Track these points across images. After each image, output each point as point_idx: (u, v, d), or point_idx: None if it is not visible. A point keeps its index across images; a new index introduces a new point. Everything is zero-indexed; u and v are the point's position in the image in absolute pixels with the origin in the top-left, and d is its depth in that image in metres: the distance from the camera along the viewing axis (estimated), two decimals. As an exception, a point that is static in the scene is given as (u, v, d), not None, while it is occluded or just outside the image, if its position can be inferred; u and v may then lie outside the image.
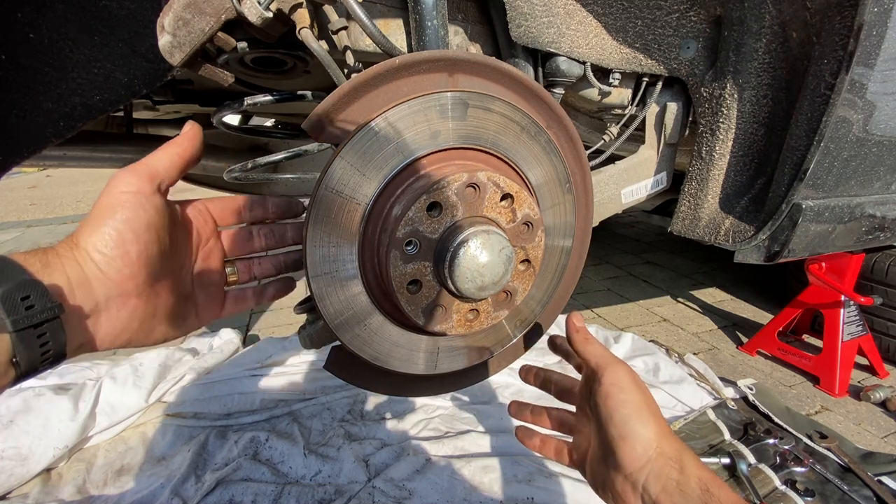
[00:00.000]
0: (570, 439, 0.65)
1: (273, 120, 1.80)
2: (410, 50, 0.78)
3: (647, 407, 0.53)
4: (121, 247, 0.46)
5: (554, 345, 0.73)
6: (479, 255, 0.53)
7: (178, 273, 0.54)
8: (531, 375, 0.74)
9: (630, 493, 0.51)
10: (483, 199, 0.56)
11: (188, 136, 0.55)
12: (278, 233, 0.64)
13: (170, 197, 0.54)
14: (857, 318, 2.24)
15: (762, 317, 2.91)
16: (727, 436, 1.76)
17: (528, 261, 0.62)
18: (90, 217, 0.47)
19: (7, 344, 0.38)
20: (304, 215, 0.55)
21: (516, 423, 0.72)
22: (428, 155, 0.57)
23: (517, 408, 0.72)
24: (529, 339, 0.74)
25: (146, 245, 0.47)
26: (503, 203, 0.58)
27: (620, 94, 1.09)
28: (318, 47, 0.64)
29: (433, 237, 0.55)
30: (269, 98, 0.83)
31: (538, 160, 0.65)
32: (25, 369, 0.40)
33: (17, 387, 0.42)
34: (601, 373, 0.56)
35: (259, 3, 0.58)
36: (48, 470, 1.63)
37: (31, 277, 0.41)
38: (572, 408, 0.67)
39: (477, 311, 0.60)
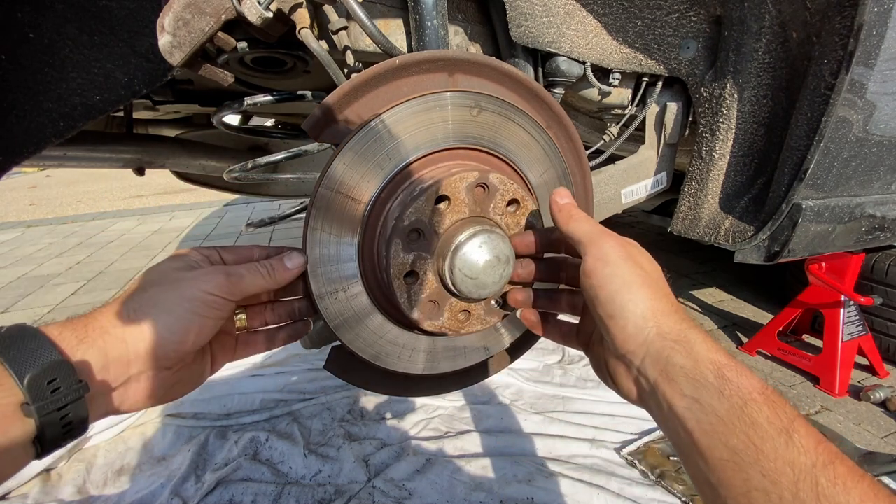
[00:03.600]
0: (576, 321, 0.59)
1: (273, 120, 1.80)
2: (410, 50, 0.77)
3: (640, 281, 0.46)
4: (183, 335, 0.47)
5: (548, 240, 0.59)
6: (481, 255, 0.53)
7: None
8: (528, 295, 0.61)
9: (623, 373, 0.47)
10: (491, 200, 0.56)
11: (291, 276, 0.54)
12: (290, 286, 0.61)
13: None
14: (857, 318, 2.23)
15: (762, 317, 2.91)
16: (727, 436, 1.76)
17: None
18: (159, 296, 0.47)
19: (31, 427, 0.39)
20: (305, 214, 0.55)
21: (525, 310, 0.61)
22: (429, 154, 0.57)
23: (524, 296, 0.60)
24: (529, 339, 0.74)
25: (205, 339, 0.49)
26: (509, 208, 0.58)
27: (620, 94, 1.09)
28: (318, 47, 0.64)
29: (437, 230, 0.55)
30: (269, 98, 0.83)
31: (538, 160, 0.65)
32: (47, 447, 0.41)
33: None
34: (585, 249, 0.49)
35: (259, 3, 0.58)
36: (48, 470, 1.62)
37: (62, 357, 0.41)
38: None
39: (468, 312, 0.60)
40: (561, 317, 0.62)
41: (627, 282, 0.46)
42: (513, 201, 0.58)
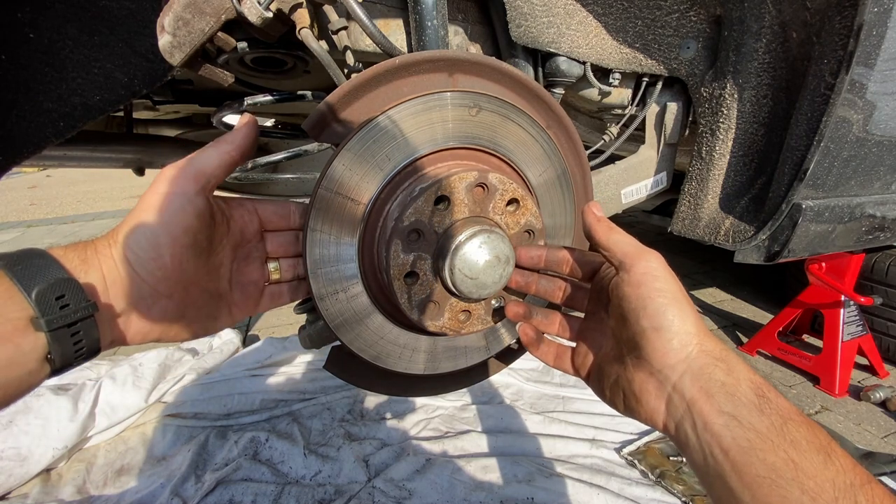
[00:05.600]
0: (573, 345, 0.59)
1: (273, 120, 1.80)
2: (410, 50, 0.77)
3: (685, 299, 0.46)
4: (155, 250, 0.46)
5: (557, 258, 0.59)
6: (481, 255, 0.53)
7: (213, 273, 0.54)
8: (522, 307, 0.61)
9: (652, 391, 0.45)
10: (491, 200, 0.56)
11: (242, 134, 0.54)
12: None
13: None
14: (857, 318, 2.24)
15: (762, 317, 2.92)
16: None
17: None
18: (133, 212, 0.47)
19: (42, 342, 0.40)
20: (304, 215, 0.55)
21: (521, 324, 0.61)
22: (428, 155, 0.57)
23: (525, 310, 0.60)
24: None
25: (182, 249, 0.47)
26: (509, 208, 0.58)
27: (620, 94, 1.09)
28: (318, 47, 0.64)
29: (437, 231, 0.55)
30: (269, 98, 0.82)
31: (537, 160, 0.65)
32: (59, 365, 0.41)
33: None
34: (631, 262, 0.48)
35: (259, 3, 0.58)
36: (48, 470, 1.63)
37: (68, 275, 0.42)
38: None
39: (469, 312, 0.60)
40: (550, 339, 0.62)
41: (678, 298, 0.46)
42: (512, 201, 0.58)
